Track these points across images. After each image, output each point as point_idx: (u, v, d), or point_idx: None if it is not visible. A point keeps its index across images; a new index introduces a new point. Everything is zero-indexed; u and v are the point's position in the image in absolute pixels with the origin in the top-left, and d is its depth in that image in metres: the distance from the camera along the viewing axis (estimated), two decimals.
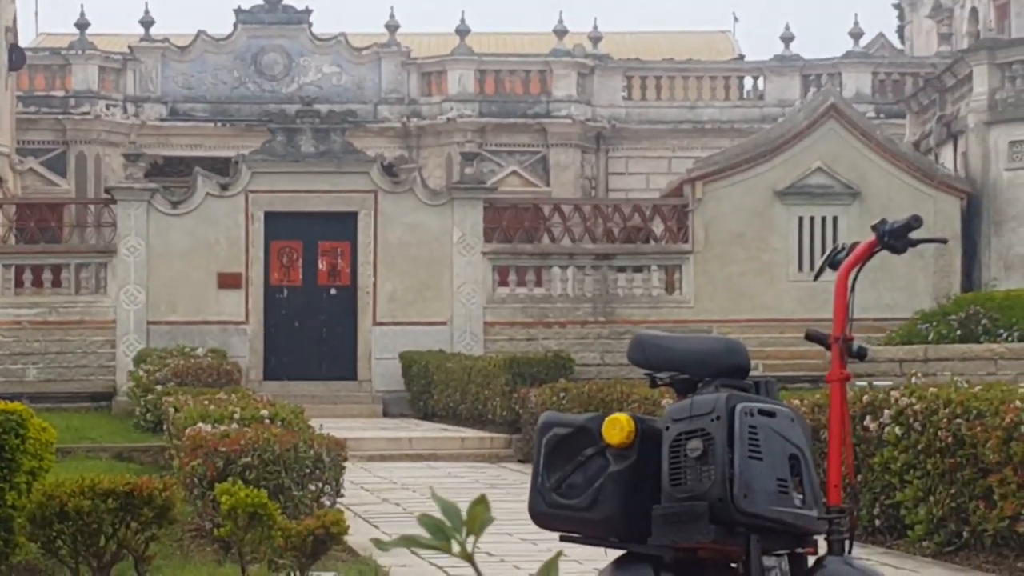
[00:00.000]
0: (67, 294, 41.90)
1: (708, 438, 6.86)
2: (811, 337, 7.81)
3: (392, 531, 17.99)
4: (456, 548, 2.03)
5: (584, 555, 8.65)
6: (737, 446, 6.82)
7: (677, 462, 6.96)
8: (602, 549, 7.40)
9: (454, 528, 2.00)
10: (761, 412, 6.96)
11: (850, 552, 7.37)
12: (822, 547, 7.31)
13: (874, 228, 7.85)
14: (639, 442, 7.04)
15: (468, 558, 1.97)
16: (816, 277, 8.56)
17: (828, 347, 7.51)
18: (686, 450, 6.93)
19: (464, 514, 2.06)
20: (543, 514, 7.27)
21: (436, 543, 2.00)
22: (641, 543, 7.05)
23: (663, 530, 6.96)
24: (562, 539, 7.32)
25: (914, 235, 7.88)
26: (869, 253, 7.72)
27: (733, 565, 7.07)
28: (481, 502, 2.07)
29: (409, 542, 1.91)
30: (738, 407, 6.90)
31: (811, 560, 7.19)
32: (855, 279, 7.71)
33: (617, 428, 7.00)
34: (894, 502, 17.61)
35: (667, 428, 7.06)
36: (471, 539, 2.05)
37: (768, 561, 7.00)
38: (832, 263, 7.80)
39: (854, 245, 7.88)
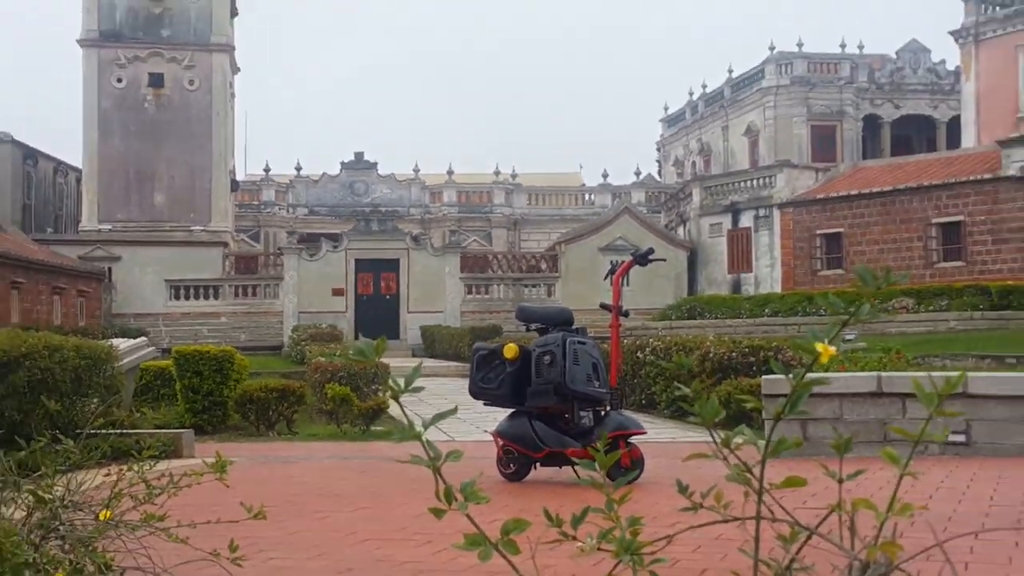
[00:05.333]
0: (260, 299, 45.37)
1: (553, 355, 7.87)
2: (603, 306, 8.63)
3: (411, 411, 13.78)
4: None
5: (495, 411, 8.72)
6: (568, 358, 7.83)
7: (539, 366, 7.97)
8: (503, 409, 8.37)
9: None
10: (579, 342, 7.94)
11: (621, 408, 8.33)
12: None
13: (631, 254, 8.78)
14: (521, 357, 8.06)
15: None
16: (605, 278, 9.01)
17: (610, 311, 8.40)
18: (543, 361, 7.95)
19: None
20: (475, 392, 8.27)
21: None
22: (522, 406, 8.10)
23: (532, 399, 8.03)
24: (484, 404, 8.41)
25: (651, 258, 8.86)
26: (629, 266, 8.75)
27: (566, 416, 7.98)
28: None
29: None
30: (568, 339, 7.92)
31: (603, 412, 8.00)
32: (624, 279, 8.73)
33: (510, 350, 8.08)
34: (650, 393, 18.43)
35: (534, 350, 8.02)
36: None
37: (583, 413, 7.95)
38: (612, 271, 8.76)
39: (622, 262, 8.78)
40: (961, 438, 8.69)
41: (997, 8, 44.62)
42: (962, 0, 45.82)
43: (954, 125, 53.61)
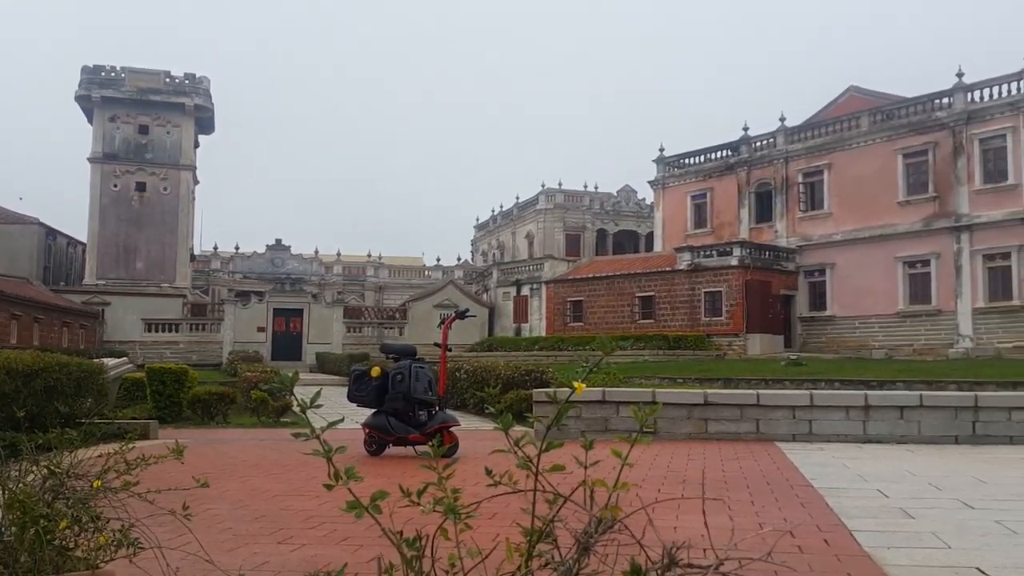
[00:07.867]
0: (207, 333, 43.42)
1: (403, 375, 7.35)
2: (436, 344, 8.25)
3: (310, 413, 11.99)
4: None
5: (363, 412, 7.88)
6: (412, 377, 7.33)
7: (394, 382, 7.37)
8: (369, 409, 7.66)
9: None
10: (420, 367, 7.41)
11: (444, 409, 7.71)
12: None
13: (455, 312, 8.32)
14: (383, 376, 7.44)
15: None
16: (437, 326, 7.68)
17: (440, 347, 8.04)
18: (396, 378, 7.37)
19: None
20: (351, 397, 7.58)
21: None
22: (381, 407, 7.48)
23: (388, 403, 7.45)
24: (358, 405, 7.66)
25: (467, 315, 8.48)
26: (453, 320, 8.17)
27: (410, 413, 7.45)
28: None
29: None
30: (412, 364, 7.40)
31: (434, 412, 7.52)
32: (450, 327, 8.21)
33: (376, 371, 7.49)
34: (463, 398, 17.21)
35: (391, 371, 7.40)
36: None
37: (421, 412, 7.48)
38: (442, 322, 8.34)
39: (448, 316, 8.27)
40: (651, 429, 8.97)
41: (676, 168, 44.95)
42: (655, 162, 45.90)
43: (650, 237, 53.44)
